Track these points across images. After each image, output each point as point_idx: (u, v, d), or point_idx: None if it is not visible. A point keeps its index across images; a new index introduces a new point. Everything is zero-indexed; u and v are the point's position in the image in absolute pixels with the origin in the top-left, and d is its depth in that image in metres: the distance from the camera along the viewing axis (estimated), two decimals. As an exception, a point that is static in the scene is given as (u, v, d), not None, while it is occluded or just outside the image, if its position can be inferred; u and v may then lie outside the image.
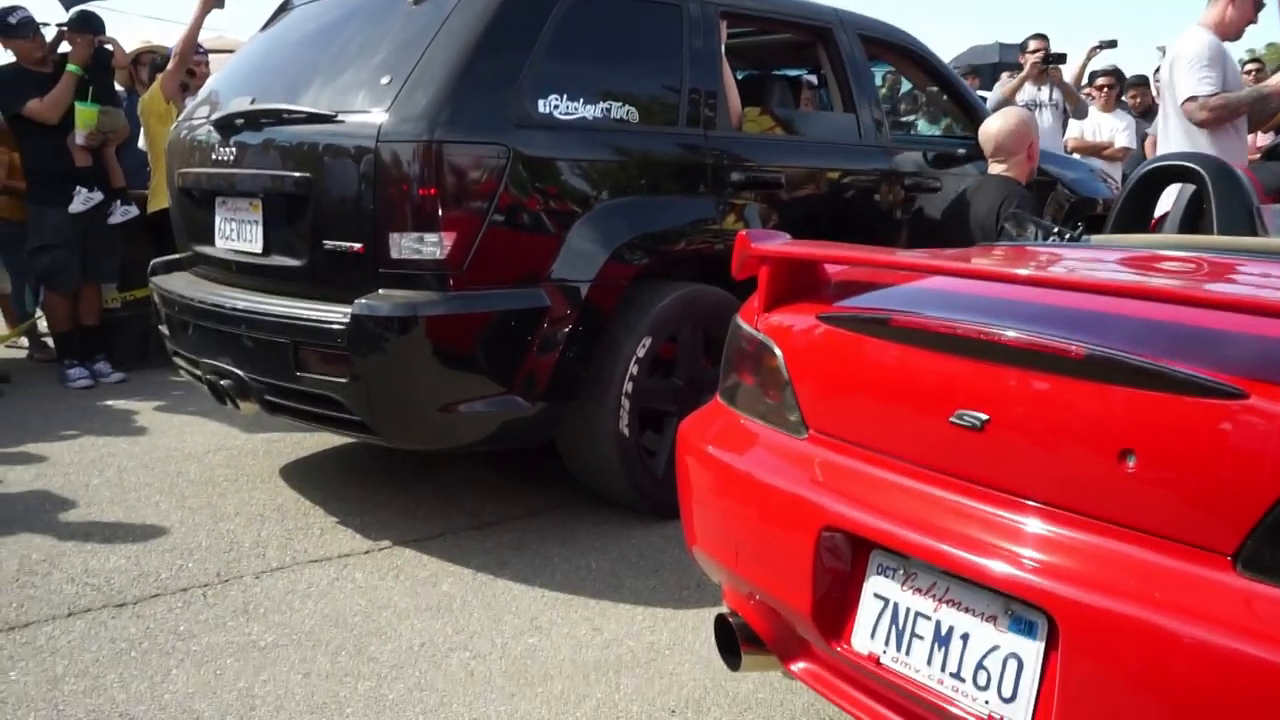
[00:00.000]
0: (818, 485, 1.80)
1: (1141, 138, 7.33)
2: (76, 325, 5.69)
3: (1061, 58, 7.22)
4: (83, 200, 5.49)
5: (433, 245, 2.98)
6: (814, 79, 5.90)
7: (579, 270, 3.22)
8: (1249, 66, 8.60)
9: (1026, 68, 7.14)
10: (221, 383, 3.42)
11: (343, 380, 3.05)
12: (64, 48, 5.63)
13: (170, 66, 5.78)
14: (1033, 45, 7.31)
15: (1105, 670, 1.34)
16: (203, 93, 4.18)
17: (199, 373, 3.63)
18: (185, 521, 3.48)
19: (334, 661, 2.55)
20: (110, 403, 5.19)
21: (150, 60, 6.29)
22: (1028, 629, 1.45)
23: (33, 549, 3.24)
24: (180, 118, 4.26)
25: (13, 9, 5.45)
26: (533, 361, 3.14)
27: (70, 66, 5.40)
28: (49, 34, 5.64)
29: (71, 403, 5.19)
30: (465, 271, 3.02)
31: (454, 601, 2.89)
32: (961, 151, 4.70)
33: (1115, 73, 7.83)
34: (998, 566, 1.47)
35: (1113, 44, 8.13)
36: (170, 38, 6.47)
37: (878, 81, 6.47)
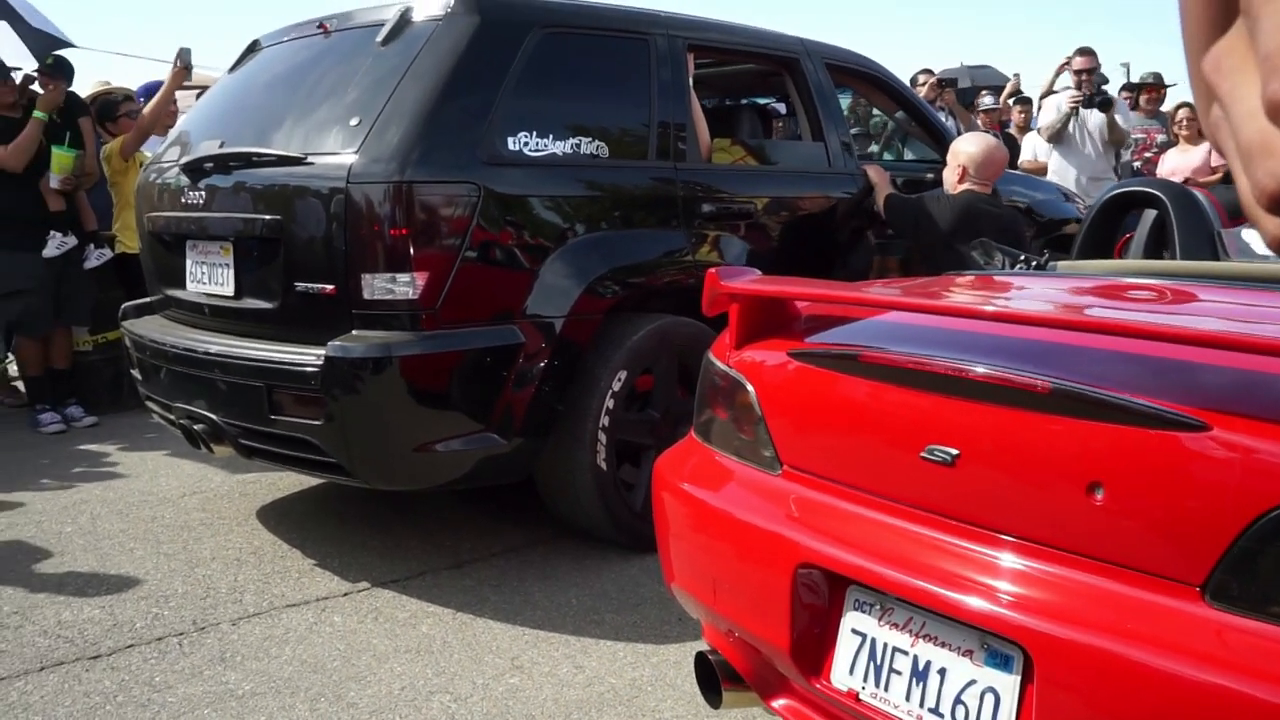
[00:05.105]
0: (793, 522, 1.80)
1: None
2: (48, 369, 5.64)
3: (954, 82, 8.14)
4: (57, 245, 5.45)
5: (405, 285, 2.98)
6: (781, 107, 5.96)
7: (553, 305, 3.23)
8: None
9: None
10: (195, 427, 3.40)
11: (318, 422, 3.03)
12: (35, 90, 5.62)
13: (132, 136, 5.82)
14: (921, 79, 8.07)
15: (1081, 703, 1.35)
16: (172, 135, 4.17)
17: (172, 417, 3.60)
18: (160, 568, 3.45)
19: (313, 709, 2.53)
20: (83, 447, 5.14)
21: (103, 100, 6.28)
22: (1004, 663, 1.46)
23: (4, 601, 3.19)
24: (149, 161, 4.25)
25: None
26: (508, 398, 3.14)
27: (36, 113, 5.35)
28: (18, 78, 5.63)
29: (44, 448, 5.13)
30: (439, 310, 3.02)
31: (434, 643, 2.87)
32: (930, 176, 4.74)
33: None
34: (972, 601, 1.47)
35: None
36: (133, 75, 6.50)
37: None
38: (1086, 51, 7.24)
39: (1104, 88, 6.91)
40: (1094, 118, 6.96)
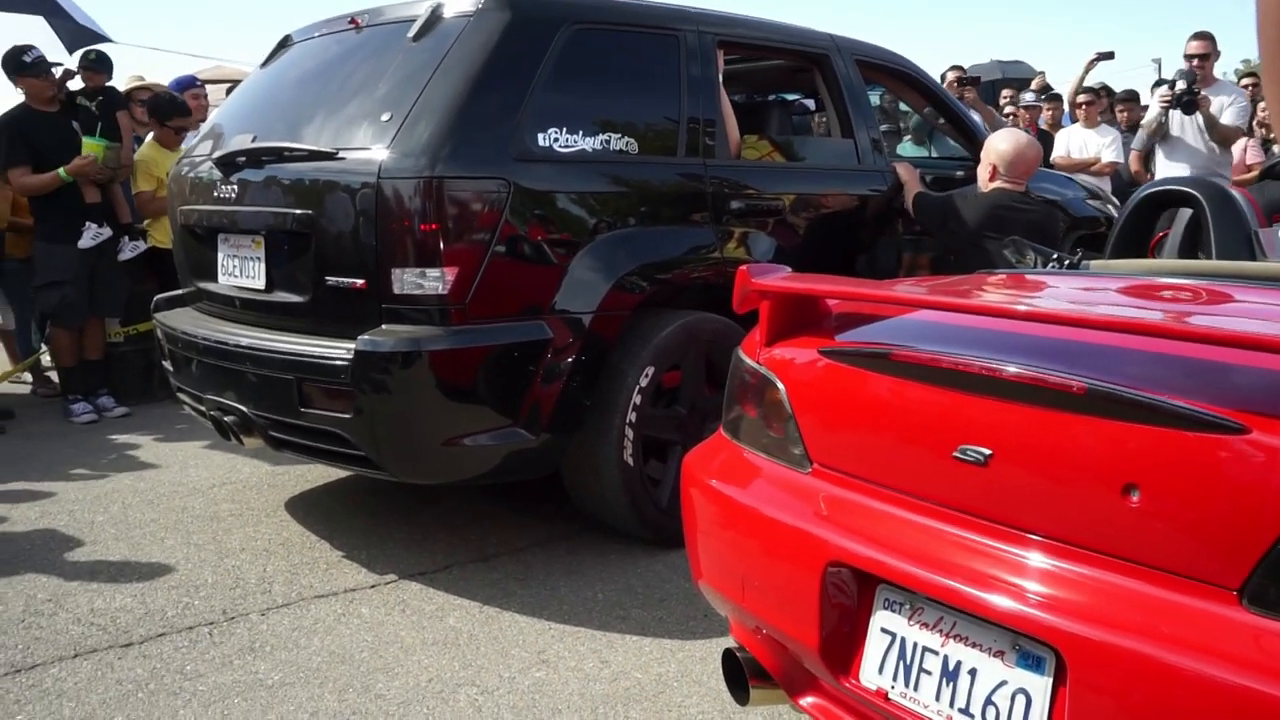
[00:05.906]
0: (822, 520, 1.80)
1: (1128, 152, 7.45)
2: (81, 360, 5.70)
3: (976, 80, 8.03)
4: (92, 236, 5.52)
5: (435, 280, 2.99)
6: (809, 103, 5.94)
7: (581, 301, 3.24)
8: (1244, 81, 8.65)
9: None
10: (225, 419, 3.43)
11: (347, 415, 3.05)
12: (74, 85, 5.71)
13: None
14: (950, 76, 8.04)
15: (1114, 706, 1.34)
16: (204, 129, 4.21)
17: (203, 409, 3.64)
18: (191, 558, 3.48)
19: (341, 699, 2.55)
20: (114, 437, 5.20)
21: (143, 96, 6.34)
22: (1035, 664, 1.45)
23: (38, 589, 3.24)
24: (182, 155, 4.29)
25: (27, 48, 5.49)
26: (536, 393, 3.15)
27: (61, 172, 5.34)
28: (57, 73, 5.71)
29: (76, 438, 5.20)
30: (468, 305, 3.03)
31: (461, 635, 2.89)
32: (960, 174, 4.71)
33: (1092, 90, 8.00)
34: (1004, 602, 1.47)
35: (1110, 56, 8.28)
36: (166, 70, 6.59)
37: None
38: (1201, 36, 6.51)
39: (1193, 85, 6.37)
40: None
